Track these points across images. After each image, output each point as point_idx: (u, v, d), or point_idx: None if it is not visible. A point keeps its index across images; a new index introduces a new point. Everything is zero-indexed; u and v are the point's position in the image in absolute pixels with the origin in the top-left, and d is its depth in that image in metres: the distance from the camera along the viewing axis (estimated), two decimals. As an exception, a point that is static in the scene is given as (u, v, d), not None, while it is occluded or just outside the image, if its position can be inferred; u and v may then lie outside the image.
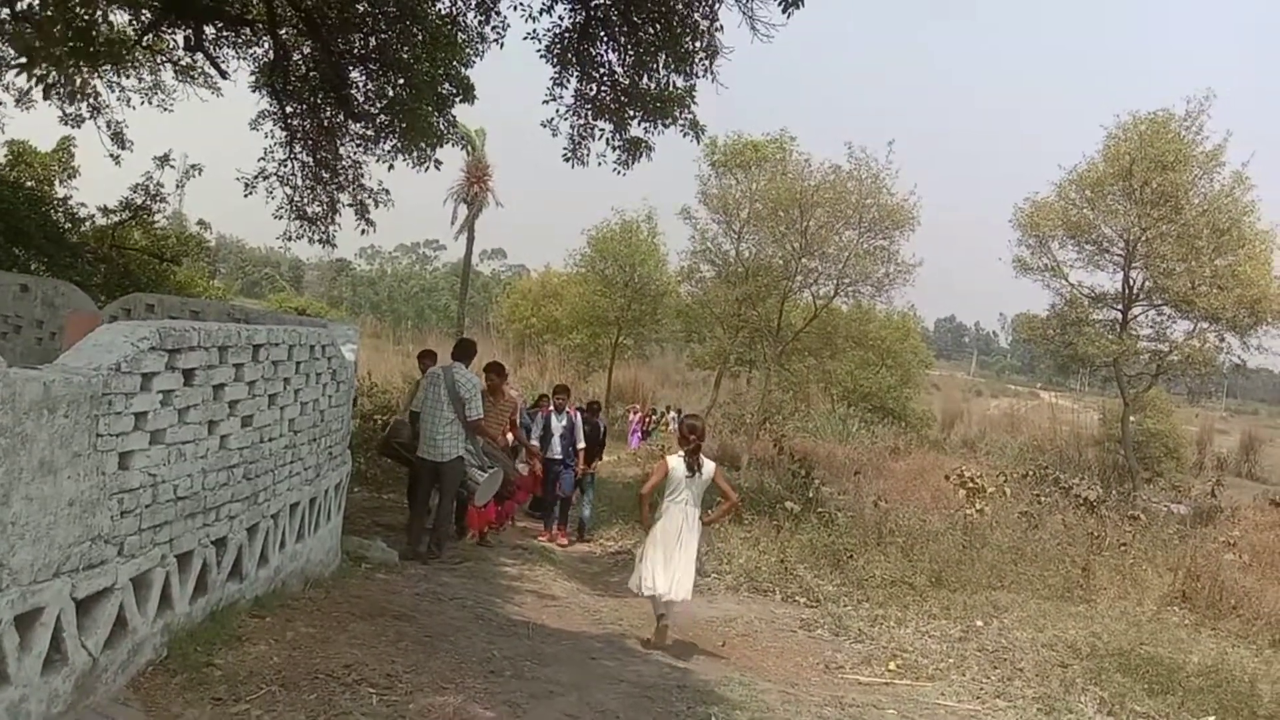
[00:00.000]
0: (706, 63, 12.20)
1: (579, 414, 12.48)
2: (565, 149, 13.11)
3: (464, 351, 9.10)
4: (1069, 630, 8.31)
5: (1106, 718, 6.55)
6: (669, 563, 7.15)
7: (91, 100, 16.20)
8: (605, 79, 12.74)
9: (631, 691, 5.52)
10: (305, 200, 15.93)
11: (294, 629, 5.30)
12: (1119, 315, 25.52)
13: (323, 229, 16.20)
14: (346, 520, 8.09)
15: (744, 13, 11.22)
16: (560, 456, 11.91)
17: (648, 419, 30.32)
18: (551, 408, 12.19)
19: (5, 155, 17.59)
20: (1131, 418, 27.10)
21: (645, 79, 12.50)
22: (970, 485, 12.56)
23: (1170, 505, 21.09)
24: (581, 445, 12.06)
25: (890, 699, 6.51)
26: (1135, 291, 25.14)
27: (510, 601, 7.93)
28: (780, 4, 10.65)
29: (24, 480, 3.34)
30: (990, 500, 12.61)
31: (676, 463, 7.28)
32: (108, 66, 14.95)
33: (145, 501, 4.21)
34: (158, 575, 4.39)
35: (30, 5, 12.67)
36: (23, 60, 13.28)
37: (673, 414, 29.12)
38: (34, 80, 14.56)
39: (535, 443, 11.67)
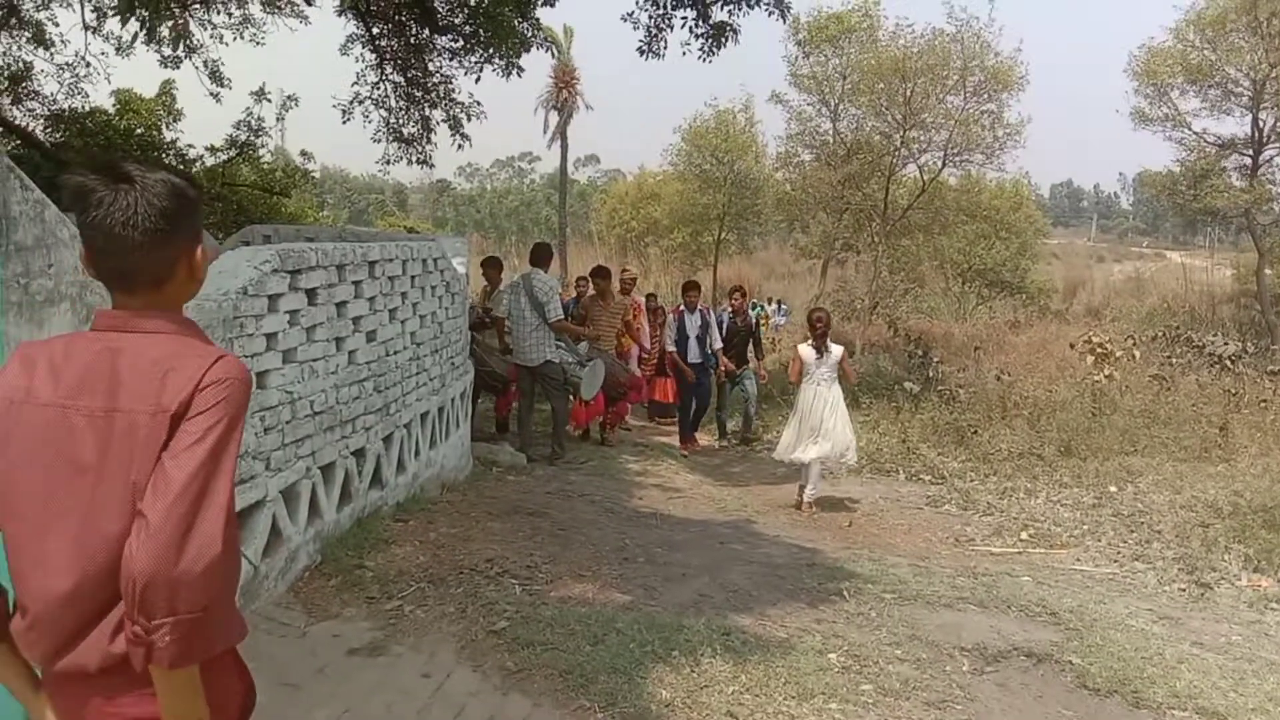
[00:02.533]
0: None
1: (710, 312, 11.34)
2: (640, 40, 12.72)
3: (539, 256, 9.13)
4: (1208, 490, 8.04)
5: (1253, 574, 6.37)
6: (807, 432, 8.38)
7: (186, 41, 16.51)
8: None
9: (761, 571, 5.62)
10: (400, 121, 16.05)
11: (436, 530, 5.55)
12: (1249, 162, 23.93)
13: (420, 149, 16.31)
14: (473, 429, 8.37)
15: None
16: (699, 360, 11.02)
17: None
18: (682, 307, 11.21)
19: (114, 105, 18.11)
20: (1268, 270, 25.58)
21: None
22: (1098, 351, 12.10)
23: (1315, 358, 20.01)
24: (719, 345, 11.06)
25: (1024, 567, 6.47)
26: (1266, 134, 23.47)
27: (636, 495, 8.11)
28: None
29: (174, 403, 3.53)
30: (1119, 365, 12.15)
31: (807, 350, 8.52)
32: (197, 5, 15.17)
33: (285, 418, 4.42)
34: (304, 486, 4.63)
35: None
36: (120, 7, 13.55)
37: (773, 307, 28.89)
38: (141, 26, 14.85)
39: (672, 348, 11.07)
